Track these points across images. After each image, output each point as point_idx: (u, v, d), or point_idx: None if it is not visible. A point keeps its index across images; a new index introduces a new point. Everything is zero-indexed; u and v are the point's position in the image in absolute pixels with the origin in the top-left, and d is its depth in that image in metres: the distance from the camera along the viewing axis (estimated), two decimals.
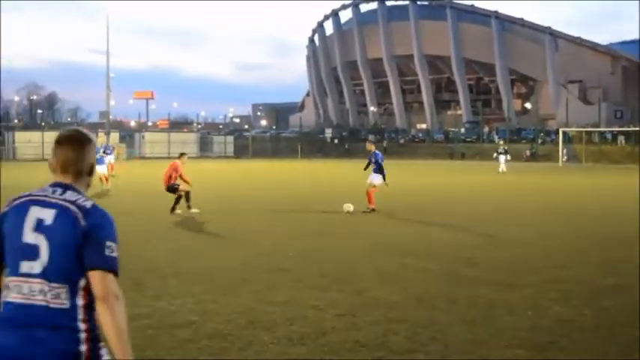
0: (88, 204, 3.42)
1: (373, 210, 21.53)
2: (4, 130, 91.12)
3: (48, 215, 3.36)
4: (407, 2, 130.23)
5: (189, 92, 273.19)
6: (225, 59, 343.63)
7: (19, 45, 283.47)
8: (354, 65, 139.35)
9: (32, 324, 3.28)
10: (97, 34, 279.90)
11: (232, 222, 19.12)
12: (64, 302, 3.33)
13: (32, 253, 3.34)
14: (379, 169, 22.11)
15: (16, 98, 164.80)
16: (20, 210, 3.44)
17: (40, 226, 3.36)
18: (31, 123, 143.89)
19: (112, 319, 3.27)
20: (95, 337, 3.37)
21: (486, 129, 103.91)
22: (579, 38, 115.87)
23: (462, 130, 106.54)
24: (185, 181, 20.94)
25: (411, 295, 9.85)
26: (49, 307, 3.32)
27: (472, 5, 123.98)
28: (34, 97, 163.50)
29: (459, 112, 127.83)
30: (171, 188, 21.11)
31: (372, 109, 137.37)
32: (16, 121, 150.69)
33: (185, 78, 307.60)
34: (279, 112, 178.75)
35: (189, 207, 20.83)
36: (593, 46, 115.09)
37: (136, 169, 46.37)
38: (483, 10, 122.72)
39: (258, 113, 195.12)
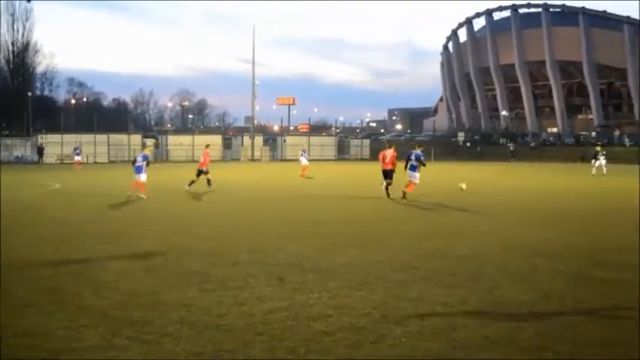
0: None
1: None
2: (159, 134, 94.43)
3: None
4: (539, 10, 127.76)
5: (329, 98, 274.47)
6: (362, 66, 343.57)
7: (172, 55, 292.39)
8: (486, 71, 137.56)
9: None
10: (244, 45, 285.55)
11: (363, 224, 19.24)
12: None
13: None
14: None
15: (170, 104, 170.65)
16: None
17: None
18: (182, 127, 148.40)
19: None
20: None
21: (617, 132, 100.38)
22: None
23: (593, 133, 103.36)
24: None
25: (539, 294, 9.67)
26: None
27: (604, 11, 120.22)
28: (186, 104, 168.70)
29: (589, 116, 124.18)
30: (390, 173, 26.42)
31: (503, 113, 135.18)
32: (169, 125, 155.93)
33: (325, 85, 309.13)
34: (414, 117, 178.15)
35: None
36: None
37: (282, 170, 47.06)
38: (615, 15, 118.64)
39: (394, 118, 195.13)
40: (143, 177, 26.55)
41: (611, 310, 8.83)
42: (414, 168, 25.99)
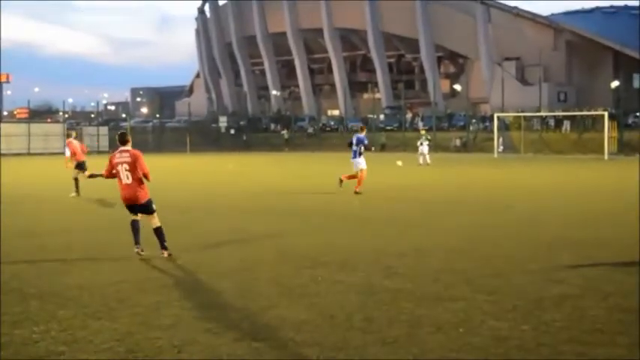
0: None
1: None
2: None
3: None
4: None
5: (54, 75, 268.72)
6: (96, 35, 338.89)
7: None
8: (252, 41, 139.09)
9: None
10: None
11: (104, 234, 18.92)
12: None
13: None
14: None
15: None
16: None
17: None
18: None
19: None
20: None
21: (409, 115, 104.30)
22: (516, 8, 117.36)
23: (381, 116, 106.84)
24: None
25: (322, 313, 9.89)
26: None
27: None
28: None
29: (377, 95, 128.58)
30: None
31: (274, 92, 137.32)
32: None
33: (48, 57, 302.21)
34: (164, 98, 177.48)
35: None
36: (533, 18, 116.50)
37: None
38: None
39: (138, 99, 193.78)
40: None
41: (406, 327, 9.17)
42: (355, 154, 28.32)
